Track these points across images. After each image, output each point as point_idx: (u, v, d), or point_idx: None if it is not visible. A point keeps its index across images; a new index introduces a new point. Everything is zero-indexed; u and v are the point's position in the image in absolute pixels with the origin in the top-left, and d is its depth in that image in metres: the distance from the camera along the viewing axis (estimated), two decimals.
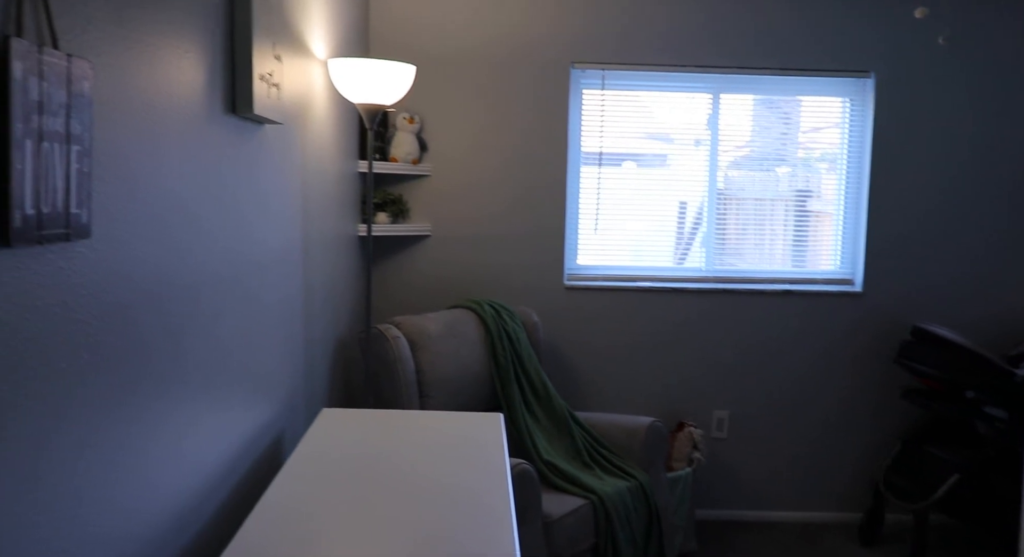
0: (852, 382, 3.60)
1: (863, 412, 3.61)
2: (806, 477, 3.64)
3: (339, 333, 2.85)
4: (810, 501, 3.66)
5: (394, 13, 3.33)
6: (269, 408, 2.02)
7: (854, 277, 3.61)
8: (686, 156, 3.56)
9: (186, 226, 1.45)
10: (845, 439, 3.63)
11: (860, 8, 3.40)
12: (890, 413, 3.61)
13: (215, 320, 1.61)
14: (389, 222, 3.29)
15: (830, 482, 3.65)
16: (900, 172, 3.50)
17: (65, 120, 0.99)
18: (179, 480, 1.44)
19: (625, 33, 3.39)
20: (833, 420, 3.61)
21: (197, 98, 1.48)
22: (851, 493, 3.65)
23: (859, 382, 3.60)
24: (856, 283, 3.59)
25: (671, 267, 3.61)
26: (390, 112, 3.32)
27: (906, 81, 3.45)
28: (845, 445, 3.63)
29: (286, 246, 2.14)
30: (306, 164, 2.34)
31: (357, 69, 2.44)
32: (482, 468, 1.76)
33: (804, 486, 3.65)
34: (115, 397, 1.19)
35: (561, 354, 3.52)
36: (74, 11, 1.04)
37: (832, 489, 3.65)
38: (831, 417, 3.61)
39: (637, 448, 2.94)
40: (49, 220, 0.97)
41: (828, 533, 3.53)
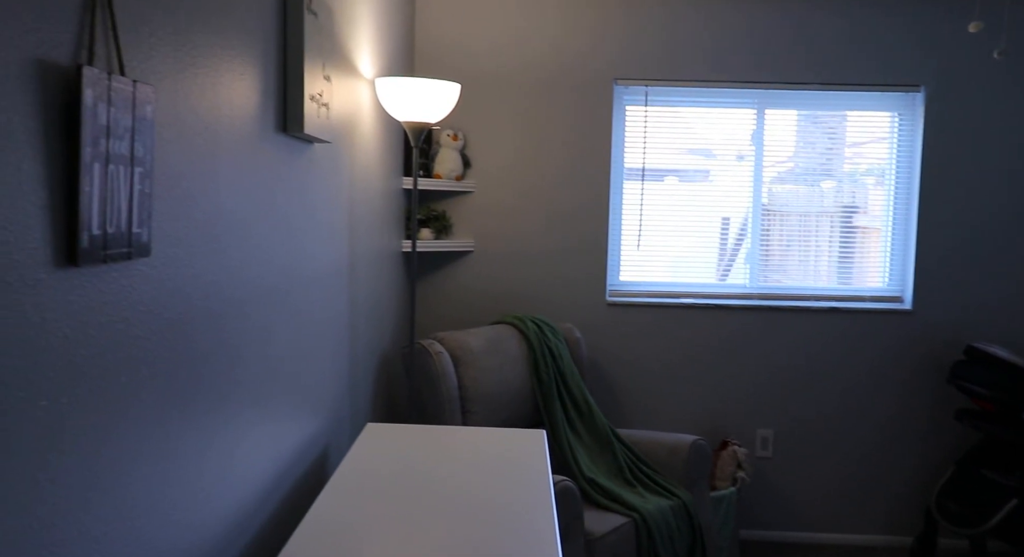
0: (902, 402, 3.51)
1: (913, 433, 3.52)
2: (854, 499, 3.56)
3: (383, 348, 2.88)
4: (858, 523, 3.57)
5: (438, 32, 3.38)
6: (315, 422, 2.05)
7: (903, 294, 3.53)
8: (728, 171, 3.53)
9: (239, 243, 1.48)
10: (894, 460, 3.54)
11: (909, 22, 3.35)
12: (942, 434, 3.52)
13: (266, 335, 1.64)
14: (432, 238, 3.32)
15: (879, 504, 3.56)
16: (951, 187, 3.42)
17: (130, 143, 1.03)
18: (230, 493, 1.47)
19: (668, 49, 3.39)
20: (882, 441, 3.53)
21: (250, 118, 1.52)
22: (901, 516, 3.55)
23: (909, 402, 3.51)
24: (906, 301, 3.51)
25: (714, 283, 3.58)
26: (434, 129, 3.36)
27: (958, 95, 3.38)
28: (894, 467, 3.54)
29: (333, 262, 2.18)
30: (353, 181, 2.38)
31: (403, 88, 2.48)
32: (526, 485, 1.76)
33: (852, 508, 3.56)
34: (170, 411, 1.22)
35: (603, 370, 3.51)
36: (139, 38, 1.08)
37: (881, 512, 3.56)
38: (880, 438, 3.53)
39: (680, 466, 2.91)
40: (113, 240, 1.01)
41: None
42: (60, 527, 0.94)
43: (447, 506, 1.63)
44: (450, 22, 3.38)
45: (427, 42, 3.38)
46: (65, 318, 0.93)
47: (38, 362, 0.88)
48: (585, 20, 3.38)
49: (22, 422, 0.86)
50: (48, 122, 0.88)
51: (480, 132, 3.42)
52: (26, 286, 0.85)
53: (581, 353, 3.22)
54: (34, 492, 0.88)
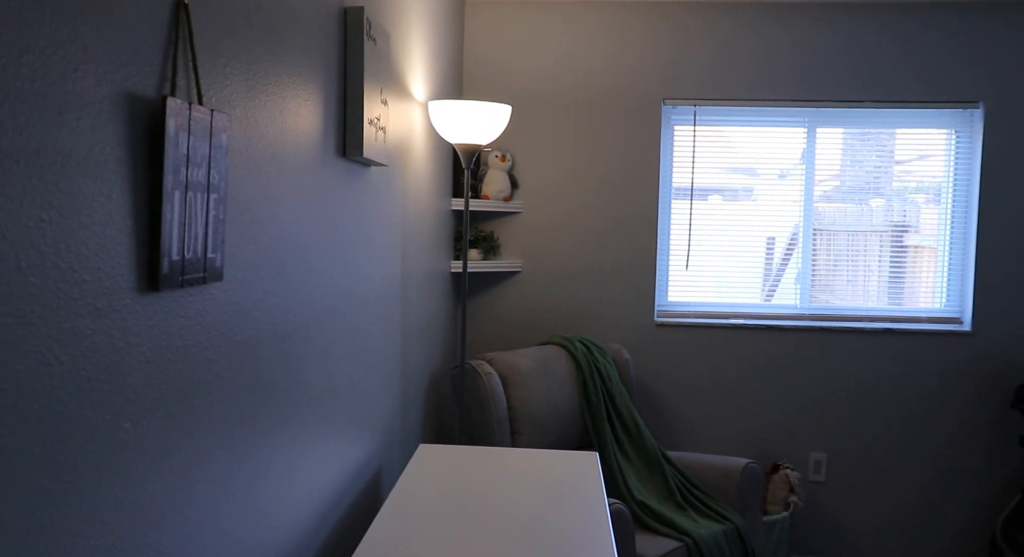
0: (962, 427, 3.41)
1: (975, 459, 3.41)
2: (912, 527, 3.45)
3: (433, 368, 2.89)
4: (917, 552, 3.46)
5: (486, 54, 3.41)
6: (370, 442, 2.06)
7: (962, 316, 3.44)
8: (773, 189, 3.49)
9: (301, 265, 1.51)
10: (955, 488, 3.43)
11: (966, 37, 3.29)
12: (1005, 462, 3.40)
13: (325, 355, 1.66)
14: (480, 258, 3.34)
15: (939, 533, 3.45)
16: (1012, 206, 3.34)
17: (207, 170, 1.06)
18: (291, 513, 1.48)
19: (716, 68, 3.37)
20: (941, 467, 3.42)
21: (313, 143, 1.55)
22: (963, 546, 3.43)
23: (970, 427, 3.40)
24: (965, 322, 3.42)
25: (763, 304, 3.53)
26: (483, 151, 3.38)
27: (1020, 112, 3.30)
28: (955, 494, 3.43)
29: (387, 283, 2.20)
30: (406, 203, 2.40)
31: (455, 110, 2.51)
32: (580, 508, 1.75)
33: (910, 536, 3.46)
34: (236, 431, 1.24)
35: (652, 392, 3.47)
36: (216, 69, 1.11)
37: (942, 541, 3.45)
38: (939, 463, 3.42)
39: (732, 490, 2.85)
40: (190, 265, 1.03)
41: None
42: (140, 546, 0.95)
43: (504, 529, 1.62)
44: (498, 44, 3.41)
45: (476, 64, 3.42)
46: (147, 342, 0.95)
47: (123, 385, 0.90)
48: (633, 41, 3.39)
49: (108, 444, 0.88)
50: (135, 152, 0.90)
51: (527, 153, 3.44)
52: (113, 311, 0.87)
53: (630, 374, 3.20)
54: (117, 511, 0.90)
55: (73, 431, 0.81)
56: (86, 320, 0.83)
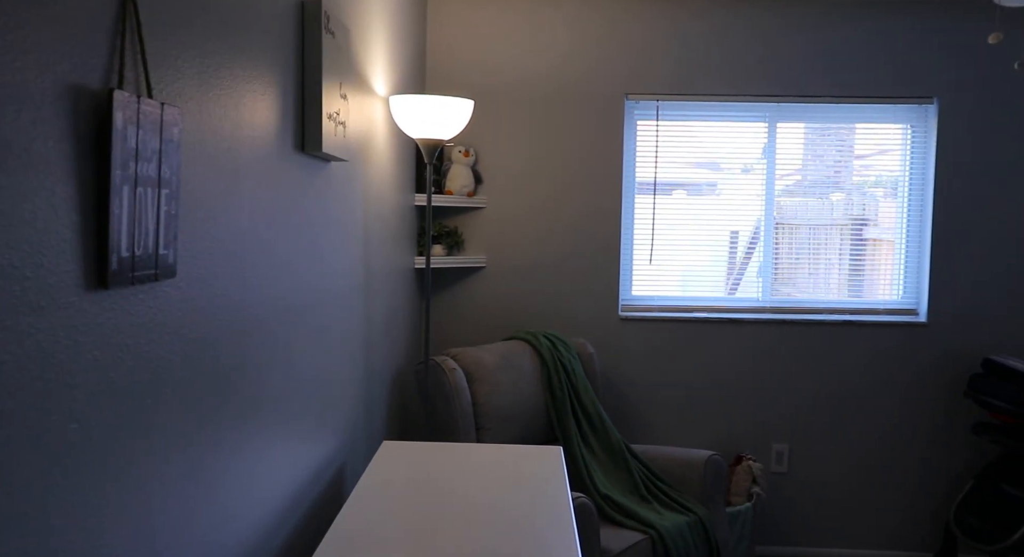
0: (918, 416, 3.48)
1: (931, 447, 3.49)
2: (870, 514, 3.53)
3: (397, 365, 2.87)
4: (875, 539, 3.53)
5: (449, 49, 3.40)
6: (333, 439, 2.04)
7: (918, 307, 3.51)
8: (736, 184, 3.53)
9: (260, 262, 1.48)
10: (911, 475, 3.50)
11: (922, 35, 3.36)
12: (959, 448, 3.48)
13: (287, 353, 1.64)
14: (444, 254, 3.32)
15: (896, 520, 3.52)
16: (966, 199, 3.41)
17: (157, 165, 1.04)
18: (251, 512, 1.46)
19: (679, 64, 3.40)
20: (899, 455, 3.50)
21: (271, 138, 1.53)
22: (919, 532, 3.52)
23: (926, 416, 3.48)
24: (920, 313, 3.50)
25: (726, 297, 3.57)
26: (446, 146, 3.37)
27: (973, 107, 3.38)
28: (911, 481, 3.51)
29: (349, 280, 2.18)
30: (367, 199, 2.39)
31: (417, 105, 2.49)
32: (545, 502, 1.75)
33: (869, 523, 3.53)
34: (194, 431, 1.22)
35: (616, 386, 3.50)
36: (166, 62, 1.08)
37: (898, 527, 3.52)
38: (897, 451, 3.50)
39: (696, 482, 2.89)
40: (141, 262, 1.01)
41: None
42: (91, 550, 0.93)
43: (468, 524, 1.62)
44: (461, 39, 3.40)
45: (438, 59, 3.40)
46: (95, 340, 0.93)
47: (70, 385, 0.88)
48: (596, 36, 3.40)
49: (54, 445, 0.86)
50: (80, 146, 0.88)
51: (491, 148, 3.43)
52: (58, 309, 0.85)
53: (594, 368, 3.21)
54: (65, 515, 0.88)
55: (16, 432, 0.79)
56: (28, 318, 0.80)
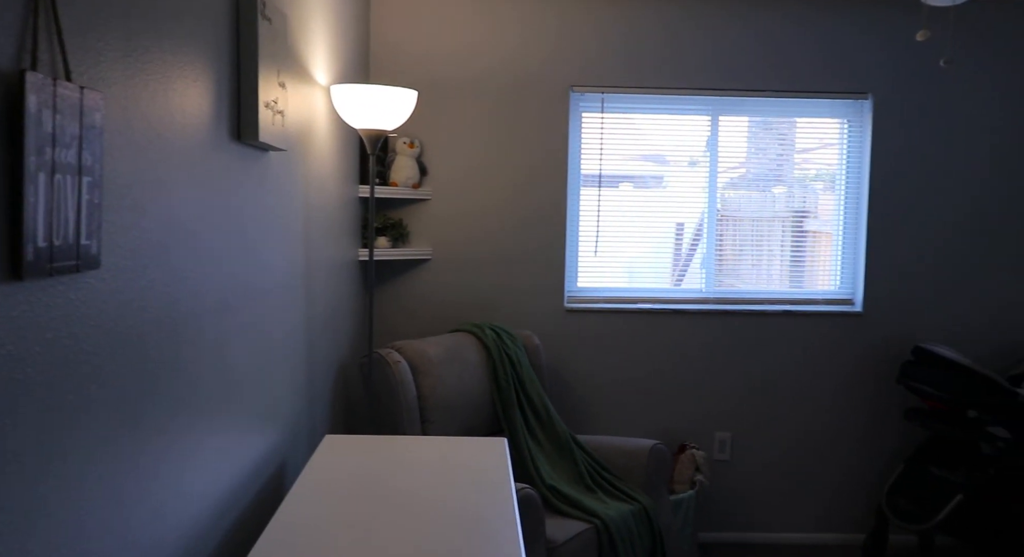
0: (854, 403, 3.59)
1: (865, 433, 3.60)
2: (809, 498, 3.63)
3: (340, 358, 2.84)
4: (813, 522, 3.64)
5: (394, 39, 3.36)
6: (273, 435, 2.01)
7: (854, 297, 3.61)
8: (682, 177, 3.58)
9: (192, 254, 1.44)
10: (847, 460, 3.61)
11: (858, 31, 3.44)
12: (892, 434, 3.60)
13: (221, 347, 1.60)
14: (389, 246, 3.29)
15: (833, 503, 3.63)
16: (899, 192, 3.52)
17: (77, 152, 1.00)
18: (185, 509, 1.43)
19: (624, 57, 3.42)
20: (835, 441, 3.60)
21: (204, 126, 1.49)
22: (854, 514, 3.63)
23: (861, 402, 3.59)
24: (856, 303, 3.60)
25: (670, 288, 3.62)
26: (390, 137, 3.33)
27: (905, 102, 3.48)
28: (847, 466, 3.62)
29: (289, 272, 2.14)
30: (308, 190, 2.34)
31: (359, 95, 2.46)
32: (488, 493, 1.75)
33: (807, 507, 3.63)
34: (121, 428, 1.18)
35: (562, 377, 3.52)
36: (87, 44, 1.04)
37: (835, 510, 3.63)
38: (833, 438, 3.60)
39: (640, 471, 2.92)
40: (60, 252, 0.97)
41: (831, 555, 3.51)
42: (11, 551, 0.90)
43: (409, 517, 1.61)
44: (405, 30, 3.36)
45: (383, 49, 3.36)
46: (9, 335, 0.89)
47: None
48: (541, 28, 3.40)
49: None
50: None
51: (436, 140, 3.41)
52: None
53: (540, 360, 3.23)
54: None
55: None
56: None
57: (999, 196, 3.54)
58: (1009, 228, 3.55)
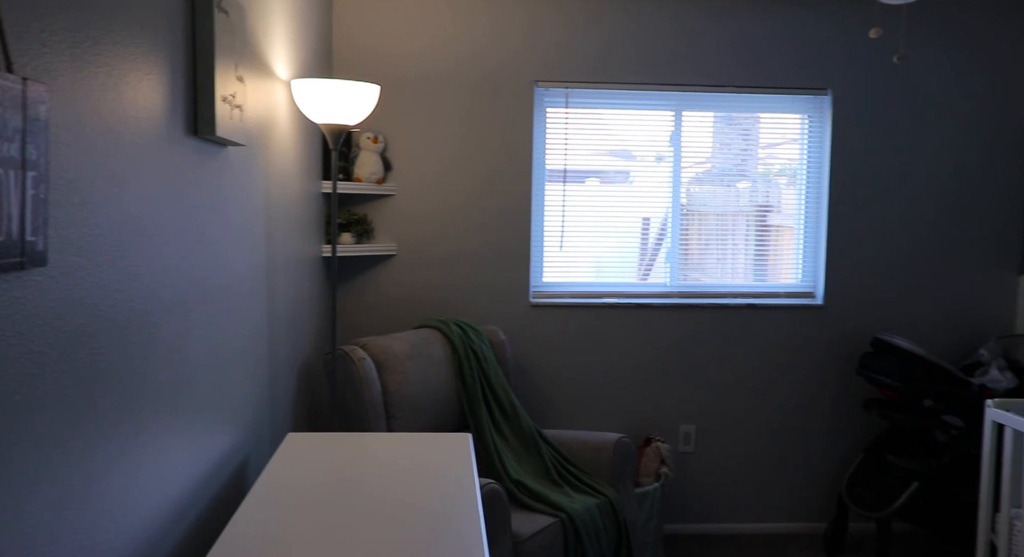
0: (816, 394, 3.65)
1: (827, 424, 3.67)
2: (772, 489, 3.68)
3: (304, 355, 2.81)
4: (776, 512, 3.69)
5: (356, 34, 3.33)
6: (233, 434, 1.98)
7: (815, 290, 3.67)
8: (648, 172, 3.60)
9: (147, 251, 1.42)
10: (809, 450, 3.67)
11: (818, 26, 3.49)
12: (853, 424, 3.67)
13: (177, 345, 1.58)
14: (353, 242, 3.26)
15: (795, 493, 3.69)
16: (858, 187, 3.58)
17: (20, 146, 0.97)
18: (139, 512, 1.40)
19: (589, 52, 3.43)
20: (797, 432, 3.66)
21: (157, 120, 1.46)
22: (816, 504, 3.69)
23: (823, 394, 3.65)
24: (817, 296, 3.66)
25: (636, 283, 3.64)
26: (353, 132, 3.30)
27: (862, 98, 3.54)
28: (809, 456, 3.68)
29: (250, 269, 2.11)
30: (269, 186, 2.31)
31: (320, 89, 2.43)
32: (451, 489, 1.75)
33: (770, 498, 3.69)
34: (71, 429, 1.16)
35: (528, 372, 3.52)
36: (29, 34, 1.02)
37: (797, 500, 3.69)
38: (795, 429, 3.66)
39: (605, 465, 2.94)
40: (3, 249, 0.94)
41: (794, 544, 3.57)
42: None
43: (372, 514, 1.60)
44: (368, 25, 3.33)
45: (345, 45, 3.33)
46: None
47: None
48: (506, 23, 3.39)
49: None
50: None
51: (401, 135, 3.38)
52: None
53: (506, 355, 3.23)
54: None
55: None
56: None
57: (957, 192, 3.61)
58: (966, 223, 3.63)
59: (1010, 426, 2.68)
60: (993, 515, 2.82)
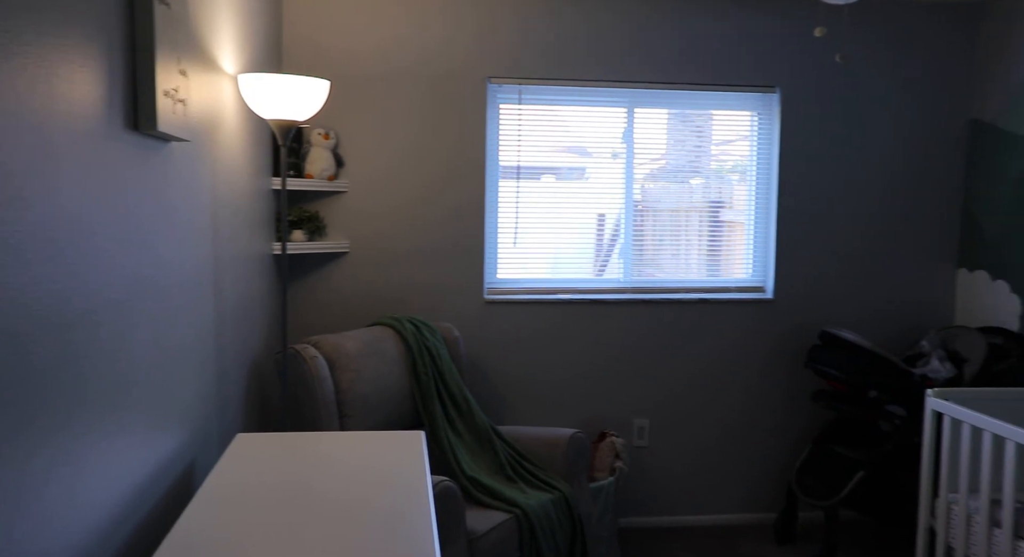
0: (767, 387, 3.72)
1: (778, 416, 3.74)
2: (725, 480, 3.74)
3: (254, 354, 2.77)
4: (729, 503, 3.76)
5: (307, 30, 3.28)
6: (180, 436, 1.94)
7: (765, 284, 3.74)
8: (604, 169, 3.63)
9: (87, 248, 1.38)
10: (761, 442, 3.74)
11: (766, 26, 3.55)
12: (803, 416, 3.75)
13: (119, 345, 1.54)
14: (305, 240, 3.22)
15: (747, 485, 3.76)
16: (806, 183, 3.66)
17: None
18: (80, 517, 1.37)
19: (541, 48, 3.44)
20: (749, 424, 3.73)
21: (94, 115, 1.42)
22: (768, 495, 3.77)
23: (773, 387, 3.73)
24: (767, 290, 3.72)
25: (591, 279, 3.66)
26: (304, 128, 3.26)
27: (809, 96, 3.61)
28: (760, 448, 3.75)
29: (196, 267, 2.07)
30: (216, 182, 2.27)
31: (268, 84, 2.39)
32: (403, 487, 1.74)
33: (723, 489, 3.75)
34: (7, 433, 1.12)
35: (482, 368, 3.52)
36: None
37: (749, 491, 3.76)
38: (747, 421, 3.73)
39: (559, 460, 2.96)
40: None
41: (745, 534, 3.63)
42: None
43: (322, 514, 1.59)
44: (319, 20, 3.29)
45: (296, 40, 3.28)
46: None
47: None
48: (459, 19, 3.38)
49: None
50: None
51: (353, 131, 3.35)
52: None
53: (460, 352, 3.22)
54: None
55: None
56: None
57: (900, 188, 3.71)
58: (910, 219, 3.73)
59: (948, 415, 2.77)
60: (933, 500, 2.91)
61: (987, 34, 3.63)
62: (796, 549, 3.49)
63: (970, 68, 3.69)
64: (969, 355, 3.30)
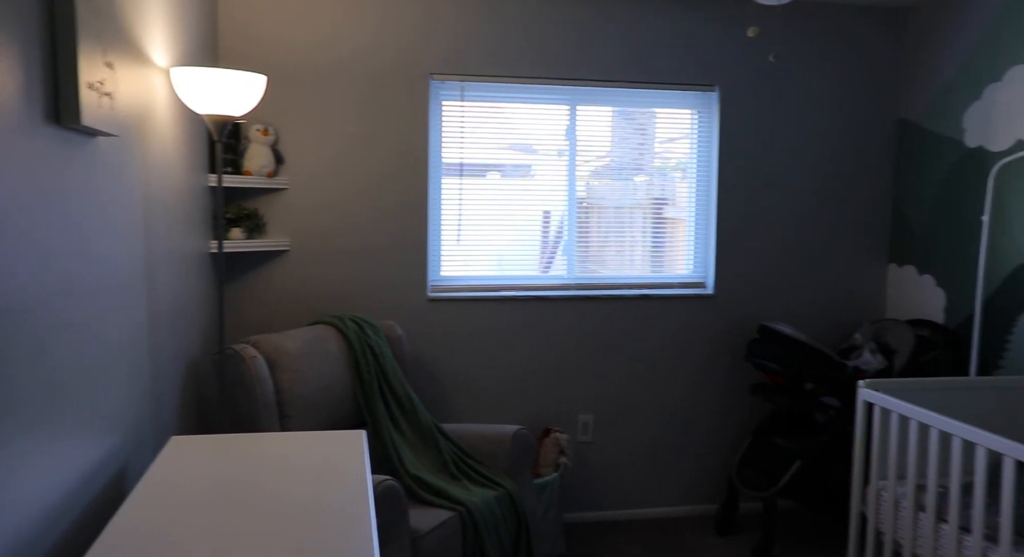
0: (708, 381, 3.79)
1: (720, 409, 3.81)
2: (668, 474, 3.80)
3: (191, 355, 2.70)
4: (672, 496, 3.82)
5: (244, 23, 3.22)
6: (111, 438, 1.89)
7: (706, 280, 3.81)
8: (549, 166, 3.64)
9: (5, 247, 1.33)
10: (704, 436, 3.81)
11: (704, 26, 3.61)
12: (743, 409, 3.83)
13: (43, 347, 1.49)
14: (244, 237, 3.16)
15: (690, 477, 3.82)
16: (744, 180, 3.73)
17: None
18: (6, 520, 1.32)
19: (485, 45, 3.43)
20: (692, 418, 3.79)
21: (11, 109, 1.37)
22: (708, 486, 3.84)
23: (715, 380, 3.80)
24: (708, 286, 3.79)
25: (535, 276, 3.68)
26: (242, 124, 3.20)
27: (747, 95, 3.69)
28: (704, 442, 3.82)
29: (127, 265, 2.01)
30: (148, 178, 2.21)
31: (202, 79, 2.34)
32: (343, 487, 1.72)
33: (666, 483, 3.81)
34: None
35: (426, 366, 3.51)
36: None
37: (691, 484, 3.83)
38: (690, 415, 3.79)
39: (504, 457, 2.97)
40: None
41: (688, 526, 3.70)
42: None
43: (259, 514, 1.56)
44: (257, 13, 3.23)
45: (232, 34, 3.21)
46: None
47: None
48: (400, 14, 3.35)
49: None
50: None
51: (293, 127, 3.30)
52: None
53: (403, 350, 3.20)
54: None
55: None
56: None
57: (833, 185, 3.82)
58: (843, 216, 3.84)
59: (878, 405, 2.86)
60: (864, 487, 3.00)
61: (912, 36, 3.76)
62: (737, 539, 3.57)
63: (897, 69, 3.82)
64: (898, 347, 3.41)
